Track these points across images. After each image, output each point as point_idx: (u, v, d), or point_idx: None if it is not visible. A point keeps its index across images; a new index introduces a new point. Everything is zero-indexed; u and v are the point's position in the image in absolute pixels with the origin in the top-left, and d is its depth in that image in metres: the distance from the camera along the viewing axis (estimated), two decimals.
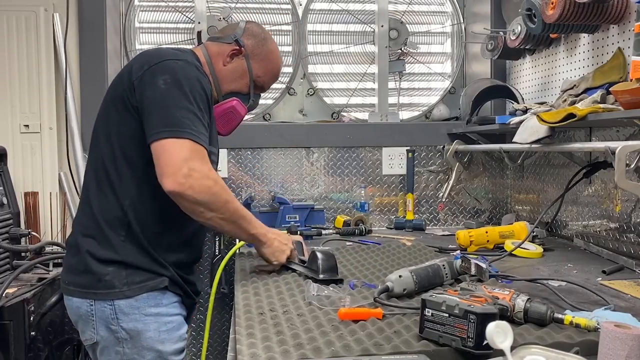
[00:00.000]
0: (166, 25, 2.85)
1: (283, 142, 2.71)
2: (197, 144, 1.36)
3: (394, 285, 1.36)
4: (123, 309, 1.42)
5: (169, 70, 1.41)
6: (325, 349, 1.07)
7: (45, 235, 2.49)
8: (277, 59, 1.74)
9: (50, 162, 2.50)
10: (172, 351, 1.48)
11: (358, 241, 2.26)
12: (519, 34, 2.30)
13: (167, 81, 1.39)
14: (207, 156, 1.41)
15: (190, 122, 1.37)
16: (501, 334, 0.88)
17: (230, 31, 1.69)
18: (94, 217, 1.45)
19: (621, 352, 0.89)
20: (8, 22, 2.46)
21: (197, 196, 1.36)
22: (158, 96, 1.38)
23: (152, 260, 1.46)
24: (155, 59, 1.43)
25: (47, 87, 2.49)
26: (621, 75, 1.82)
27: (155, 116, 1.37)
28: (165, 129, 1.35)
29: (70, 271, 1.48)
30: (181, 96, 1.38)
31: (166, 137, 1.34)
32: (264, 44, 1.69)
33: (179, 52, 1.51)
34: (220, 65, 1.63)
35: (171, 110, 1.36)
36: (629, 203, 1.92)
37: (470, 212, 2.83)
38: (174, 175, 1.32)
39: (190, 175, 1.33)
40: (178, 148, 1.33)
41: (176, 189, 1.33)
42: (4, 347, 1.87)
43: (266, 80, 1.72)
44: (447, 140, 2.73)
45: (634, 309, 1.31)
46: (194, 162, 1.34)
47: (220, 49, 1.65)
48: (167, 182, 1.33)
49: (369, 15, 2.94)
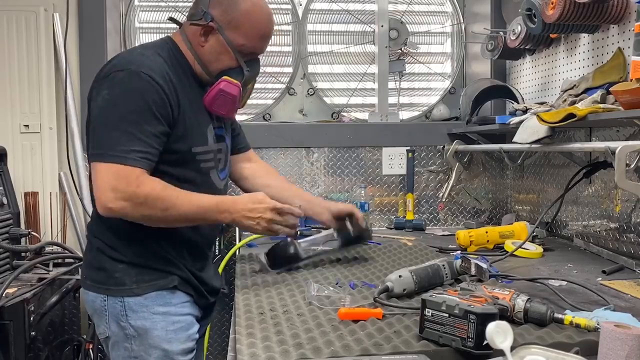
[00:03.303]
0: (166, 26, 2.84)
1: (283, 142, 2.71)
2: (122, 165, 1.32)
3: (394, 285, 1.37)
4: (132, 307, 1.43)
5: (109, 84, 1.37)
6: (325, 348, 1.07)
7: (45, 235, 2.49)
8: (256, 17, 1.49)
9: (50, 162, 2.50)
10: (180, 351, 1.47)
11: None
12: (519, 34, 2.30)
13: (104, 98, 1.36)
14: (135, 174, 1.33)
15: (117, 143, 1.33)
16: (501, 334, 0.88)
17: (198, 4, 1.50)
18: (99, 218, 1.45)
19: (621, 352, 0.89)
20: (8, 22, 2.46)
21: (138, 216, 1.37)
22: (95, 114, 1.38)
23: (162, 258, 1.46)
24: (103, 72, 1.41)
25: (47, 87, 2.49)
26: (621, 75, 1.82)
27: (90, 137, 1.39)
28: (93, 151, 1.36)
29: (87, 266, 1.52)
30: (113, 114, 1.35)
31: (93, 161, 1.36)
32: (233, 8, 1.46)
33: (135, 56, 1.42)
34: (200, 48, 1.49)
35: (102, 130, 1.36)
36: (629, 203, 1.92)
37: (470, 212, 2.83)
38: (101, 200, 1.34)
39: (117, 199, 1.32)
40: (103, 173, 1.33)
41: (107, 213, 1.35)
42: (4, 347, 1.87)
43: (253, 45, 1.50)
44: (447, 140, 2.73)
45: (634, 309, 1.31)
46: (119, 186, 1.32)
47: (195, 29, 1.49)
48: (98, 208, 1.36)
49: (369, 15, 2.94)
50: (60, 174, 2.52)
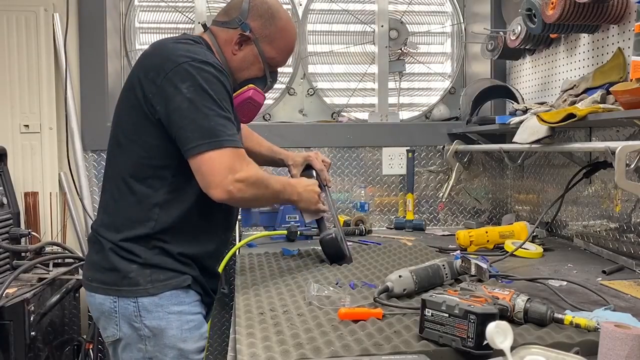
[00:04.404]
0: (166, 26, 2.85)
1: (283, 142, 2.69)
2: (235, 149, 1.37)
3: (394, 285, 1.36)
4: (147, 307, 1.42)
5: (188, 76, 1.35)
6: (325, 348, 1.07)
7: (45, 235, 2.49)
8: (289, 35, 1.60)
9: (50, 162, 2.50)
10: (194, 350, 1.47)
11: (358, 241, 2.26)
12: (519, 34, 2.30)
13: (190, 89, 1.34)
14: (246, 155, 1.42)
15: (224, 128, 1.36)
16: (501, 334, 0.88)
17: (234, 13, 1.55)
18: (122, 216, 1.45)
19: (621, 352, 0.89)
20: (8, 22, 2.46)
21: (248, 197, 1.41)
22: (185, 107, 1.34)
23: (176, 260, 1.45)
24: (169, 64, 1.37)
25: (47, 87, 2.49)
26: (621, 75, 1.82)
27: (189, 130, 1.34)
28: (202, 141, 1.34)
29: (93, 268, 1.48)
30: (208, 103, 1.35)
31: (206, 150, 1.33)
32: (272, 23, 1.55)
33: (190, 46, 1.43)
34: (230, 54, 1.55)
35: (203, 121, 1.34)
36: (629, 203, 1.92)
37: (470, 212, 2.83)
38: (221, 185, 1.34)
39: (238, 181, 1.35)
40: (220, 158, 1.34)
41: (226, 197, 1.36)
42: (4, 347, 1.87)
43: (281, 59, 1.63)
44: (447, 140, 2.73)
45: (634, 309, 1.31)
46: (238, 167, 1.36)
47: (227, 35, 1.54)
48: (216, 192, 1.35)
49: (369, 15, 2.94)
50: (60, 174, 2.52)
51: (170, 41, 1.47)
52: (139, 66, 1.44)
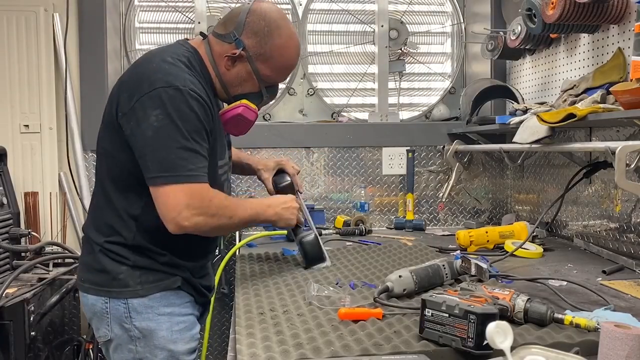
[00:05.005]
0: (166, 25, 2.84)
1: (283, 142, 2.71)
2: (194, 184, 1.34)
3: (394, 285, 1.37)
4: (136, 308, 1.42)
5: (160, 103, 1.31)
6: (325, 348, 1.07)
7: (45, 235, 2.49)
8: (287, 53, 1.50)
9: (50, 162, 2.50)
10: (184, 351, 1.47)
11: (358, 241, 2.26)
12: (519, 34, 2.30)
13: (158, 117, 1.31)
14: (207, 189, 1.37)
15: (185, 162, 1.33)
16: (501, 334, 0.88)
17: (231, 26, 1.48)
18: (104, 222, 1.45)
19: (621, 352, 0.89)
20: (8, 22, 2.46)
21: (207, 229, 1.39)
22: (150, 136, 1.32)
23: (165, 263, 1.46)
24: (146, 87, 1.33)
25: (47, 87, 2.49)
26: (621, 75, 1.82)
27: (149, 159, 1.33)
28: (160, 174, 1.32)
29: (85, 269, 1.49)
30: (174, 134, 1.32)
31: (162, 184, 1.32)
32: (267, 41, 1.46)
33: (174, 68, 1.38)
34: (224, 69, 1.49)
35: (164, 152, 1.32)
36: (629, 203, 1.92)
37: (470, 212, 2.83)
38: (174, 221, 1.33)
39: (192, 215, 1.33)
40: (175, 194, 1.32)
41: (180, 231, 1.35)
42: (4, 347, 1.87)
43: (278, 78, 1.55)
44: (447, 140, 2.73)
45: (634, 309, 1.31)
46: (194, 203, 1.33)
47: (222, 49, 1.48)
48: (170, 227, 1.34)
49: (369, 15, 2.94)
50: (60, 174, 2.52)
51: (158, 57, 1.41)
52: (125, 77, 1.44)
